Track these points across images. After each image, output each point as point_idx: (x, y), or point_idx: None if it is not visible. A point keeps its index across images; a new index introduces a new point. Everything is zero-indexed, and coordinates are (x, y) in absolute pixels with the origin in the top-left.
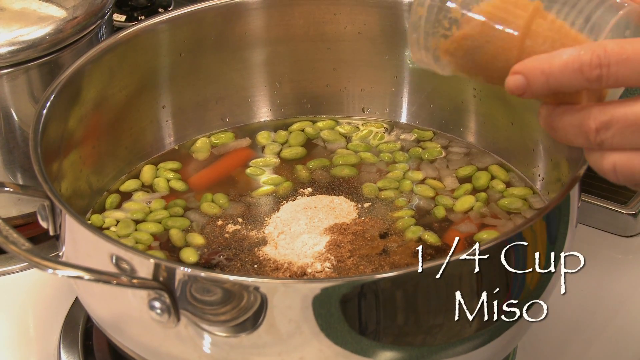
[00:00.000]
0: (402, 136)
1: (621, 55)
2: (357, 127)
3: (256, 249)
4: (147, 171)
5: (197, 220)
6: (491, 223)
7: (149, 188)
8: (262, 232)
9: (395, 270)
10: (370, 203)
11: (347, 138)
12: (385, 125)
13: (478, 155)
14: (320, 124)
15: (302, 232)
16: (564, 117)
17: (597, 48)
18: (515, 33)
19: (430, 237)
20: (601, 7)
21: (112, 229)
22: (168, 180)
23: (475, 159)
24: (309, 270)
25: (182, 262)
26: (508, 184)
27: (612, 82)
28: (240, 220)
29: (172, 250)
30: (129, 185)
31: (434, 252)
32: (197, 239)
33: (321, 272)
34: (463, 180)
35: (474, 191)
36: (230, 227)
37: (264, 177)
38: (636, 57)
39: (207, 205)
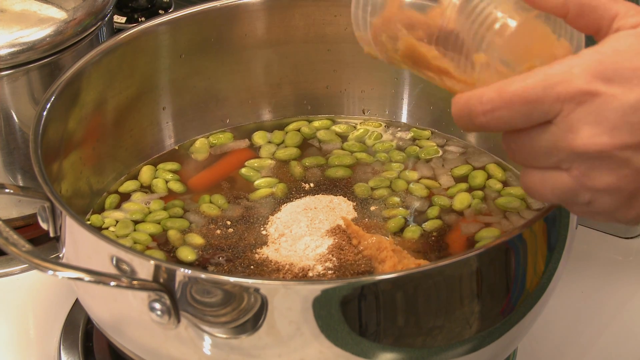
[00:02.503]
0: (399, 134)
1: (503, 99)
2: (354, 127)
3: (256, 251)
4: (145, 172)
5: (196, 222)
6: (490, 221)
7: (147, 189)
8: (263, 233)
9: (396, 271)
10: (367, 203)
11: (343, 138)
12: (382, 124)
13: (475, 155)
14: (316, 124)
15: (303, 234)
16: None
17: (481, 95)
18: None
19: (420, 231)
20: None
21: (111, 229)
22: (167, 181)
23: (471, 158)
24: (310, 273)
25: (182, 263)
26: (505, 183)
27: (502, 125)
28: (239, 221)
29: (170, 251)
30: (128, 186)
31: (435, 251)
32: (196, 240)
33: (323, 274)
34: (459, 179)
35: (470, 190)
36: (230, 229)
37: (258, 180)
38: (518, 99)
39: (206, 207)
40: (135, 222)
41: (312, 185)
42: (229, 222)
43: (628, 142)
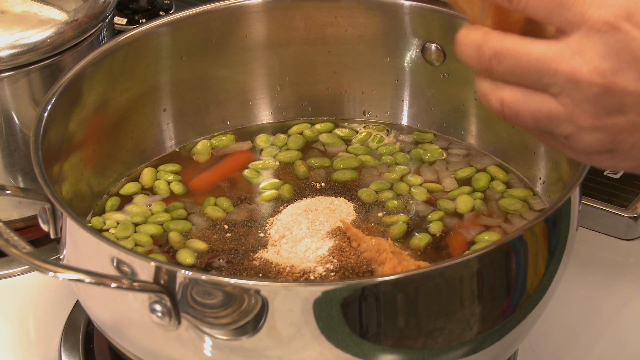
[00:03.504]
0: (401, 137)
1: None
2: (356, 131)
3: (257, 253)
4: (146, 174)
5: (197, 224)
6: (491, 224)
7: (149, 191)
8: (263, 235)
9: (396, 273)
10: (370, 206)
11: (346, 141)
12: (385, 127)
13: (477, 157)
14: (318, 127)
15: (304, 236)
16: (470, 33)
17: None
18: None
19: (427, 239)
20: None
21: (112, 230)
22: (169, 183)
23: (474, 161)
24: (311, 274)
25: (182, 265)
26: (508, 185)
27: (523, 4)
28: (240, 223)
29: (171, 253)
30: (129, 188)
31: (435, 253)
32: (197, 242)
33: (324, 276)
34: (462, 181)
35: (473, 193)
36: (231, 230)
37: (263, 183)
38: None
39: (210, 209)
40: (136, 225)
41: (323, 184)
42: (229, 225)
43: (631, 89)
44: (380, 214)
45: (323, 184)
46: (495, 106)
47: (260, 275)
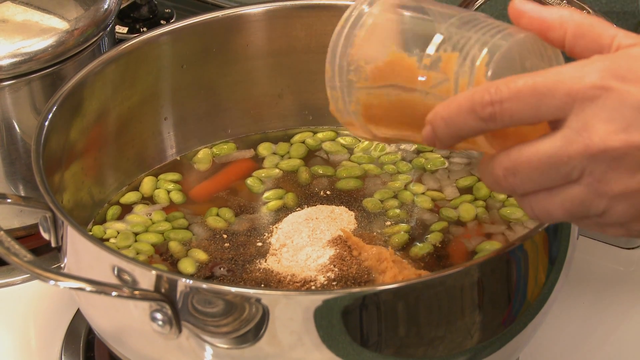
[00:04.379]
0: (403, 146)
1: (511, 90)
2: (358, 140)
3: (258, 262)
4: (147, 183)
5: (198, 233)
6: (493, 232)
7: (149, 200)
8: (264, 244)
9: (397, 282)
10: (371, 215)
11: (349, 149)
12: None
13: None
14: (320, 135)
15: (304, 245)
16: (481, 166)
17: (489, 86)
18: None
19: (428, 248)
20: (487, 41)
21: (112, 240)
22: (168, 192)
23: (475, 169)
24: (312, 283)
25: (183, 274)
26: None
27: (507, 118)
28: (240, 232)
29: (172, 262)
30: (129, 197)
31: (436, 262)
32: (198, 252)
33: (325, 284)
34: (463, 190)
35: (474, 201)
36: (232, 239)
37: (267, 192)
38: (527, 90)
39: (212, 219)
40: (136, 234)
41: (328, 193)
42: (230, 234)
43: None
44: (384, 223)
45: (328, 192)
46: (529, 213)
47: (262, 284)
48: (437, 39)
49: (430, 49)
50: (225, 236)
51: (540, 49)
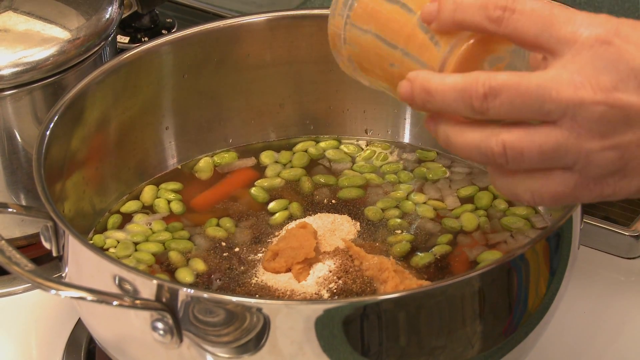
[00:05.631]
0: (404, 156)
1: (526, 6)
2: (361, 148)
3: (259, 272)
4: (147, 192)
5: (199, 243)
6: (494, 241)
7: (149, 209)
8: (265, 254)
9: (398, 291)
10: (374, 225)
11: (352, 158)
12: (389, 145)
13: (480, 175)
14: (323, 144)
15: None
16: (448, 79)
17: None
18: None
19: (429, 258)
20: None
21: (111, 250)
22: (169, 201)
23: (476, 179)
24: (311, 292)
25: (184, 283)
26: (510, 203)
27: (511, 28)
28: (241, 242)
29: (172, 272)
30: (130, 206)
31: (438, 272)
32: (198, 262)
33: (326, 293)
34: (464, 200)
35: (475, 210)
36: (232, 250)
37: (271, 203)
38: (540, 14)
39: (212, 229)
40: (136, 244)
41: (333, 201)
42: (231, 244)
43: (634, 102)
44: (385, 233)
45: (331, 202)
46: (497, 151)
47: (261, 294)
48: None
49: None
50: (225, 246)
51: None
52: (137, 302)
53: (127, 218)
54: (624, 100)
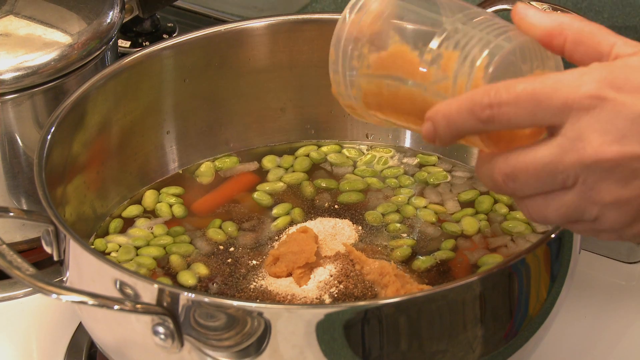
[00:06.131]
0: (405, 160)
1: (510, 95)
2: (362, 152)
3: (259, 276)
4: (149, 196)
5: (200, 247)
6: (495, 245)
7: (150, 213)
8: (266, 258)
9: (399, 295)
10: (375, 229)
11: (354, 162)
12: (391, 150)
13: None
14: (325, 149)
15: None
16: (480, 168)
17: (490, 89)
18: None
19: (430, 262)
20: (488, 44)
21: (113, 254)
22: (170, 205)
23: (477, 183)
24: (312, 296)
25: (185, 287)
26: (511, 208)
27: (505, 122)
28: (242, 246)
29: (173, 276)
30: (131, 210)
31: (439, 276)
32: (199, 266)
33: (327, 298)
34: (465, 204)
35: (476, 215)
36: (233, 254)
37: (275, 208)
38: (526, 96)
39: (213, 232)
40: (138, 248)
41: (333, 206)
42: (232, 248)
43: (639, 152)
44: (386, 237)
45: (333, 206)
46: (526, 214)
47: (262, 298)
48: (441, 34)
49: (433, 44)
50: (223, 248)
51: (540, 53)
52: (138, 306)
53: (129, 222)
54: (628, 154)
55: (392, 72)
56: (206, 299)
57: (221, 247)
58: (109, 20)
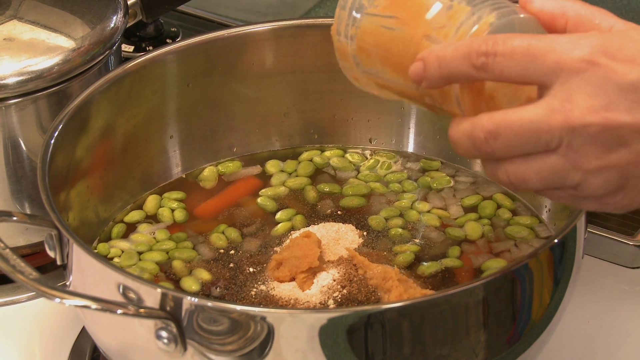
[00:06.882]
0: (408, 165)
1: (507, 46)
2: (365, 157)
3: (262, 281)
4: (151, 201)
5: (203, 253)
6: (498, 250)
7: (152, 218)
8: (269, 263)
9: (402, 300)
10: (378, 234)
11: (357, 166)
12: (394, 154)
13: (484, 185)
14: (328, 153)
15: None
16: (458, 126)
17: (488, 38)
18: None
19: (434, 267)
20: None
21: (116, 259)
22: (172, 210)
23: (480, 188)
24: (315, 301)
25: (188, 292)
26: (514, 213)
27: (497, 72)
28: (246, 251)
29: (176, 281)
30: (133, 216)
31: (442, 281)
32: (201, 272)
33: (330, 302)
34: (468, 209)
35: (479, 220)
36: (236, 259)
37: (278, 213)
38: (521, 51)
39: (215, 237)
40: (140, 253)
41: (337, 211)
42: (234, 254)
43: (626, 121)
44: (389, 242)
45: (336, 211)
46: (503, 180)
47: (265, 303)
48: None
49: None
50: (226, 253)
51: (541, 33)
52: (141, 310)
53: (131, 227)
54: (615, 120)
55: (398, 13)
56: (209, 304)
57: (223, 252)
58: (112, 25)
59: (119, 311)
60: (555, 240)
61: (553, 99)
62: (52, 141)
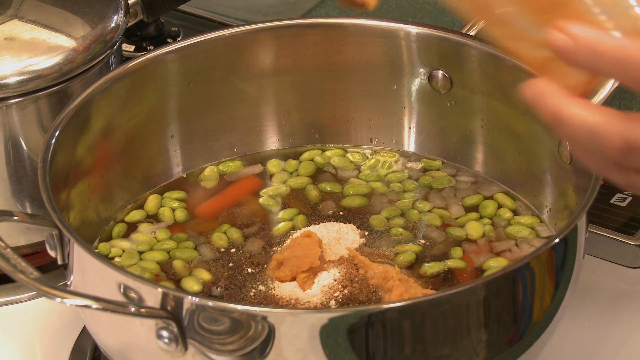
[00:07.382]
0: (409, 164)
1: None
2: (366, 156)
3: (263, 281)
4: (152, 201)
5: (203, 252)
6: (499, 250)
7: (153, 218)
8: (270, 263)
9: (403, 300)
10: (379, 234)
11: (357, 166)
12: (395, 154)
13: (485, 184)
14: (329, 153)
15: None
16: (580, 112)
17: None
18: None
19: (436, 267)
20: None
21: (117, 259)
22: (173, 210)
23: (481, 188)
24: (316, 300)
25: (189, 292)
26: (515, 212)
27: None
28: (248, 251)
29: (177, 281)
30: (134, 215)
31: (443, 281)
32: (202, 272)
33: (331, 302)
34: (469, 209)
35: (480, 219)
36: (236, 259)
37: (280, 212)
38: None
39: (216, 237)
40: (141, 253)
41: (337, 211)
42: (235, 253)
43: None
44: (390, 242)
45: (337, 211)
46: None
47: (266, 302)
48: None
49: None
50: (228, 253)
51: None
52: (142, 310)
53: (132, 227)
54: None
55: None
56: (210, 303)
57: (224, 252)
58: (113, 25)
59: (120, 311)
60: (557, 240)
61: None
62: (53, 141)
